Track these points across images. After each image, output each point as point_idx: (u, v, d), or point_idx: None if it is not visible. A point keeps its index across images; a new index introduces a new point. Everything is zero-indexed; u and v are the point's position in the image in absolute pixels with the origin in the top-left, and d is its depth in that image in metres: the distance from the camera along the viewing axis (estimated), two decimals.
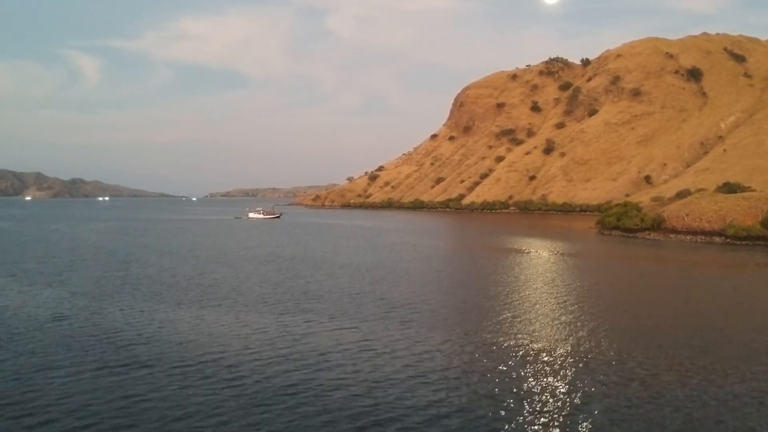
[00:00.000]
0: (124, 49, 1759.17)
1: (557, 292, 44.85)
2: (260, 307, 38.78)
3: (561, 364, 26.26)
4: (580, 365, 26.10)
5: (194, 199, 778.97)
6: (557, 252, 76.75)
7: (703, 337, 31.34)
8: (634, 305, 40.72)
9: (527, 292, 44.95)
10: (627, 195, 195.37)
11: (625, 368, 25.69)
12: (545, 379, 24.28)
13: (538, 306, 39.75)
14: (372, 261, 65.46)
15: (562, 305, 39.76)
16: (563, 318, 35.68)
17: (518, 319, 35.24)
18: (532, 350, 28.45)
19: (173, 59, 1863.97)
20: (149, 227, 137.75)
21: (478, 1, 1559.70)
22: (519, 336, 31.16)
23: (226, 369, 25.74)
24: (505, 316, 36.25)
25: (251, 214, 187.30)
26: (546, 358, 27.13)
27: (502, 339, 30.50)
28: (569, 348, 28.86)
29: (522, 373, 25.03)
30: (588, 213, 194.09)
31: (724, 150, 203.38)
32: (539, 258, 70.97)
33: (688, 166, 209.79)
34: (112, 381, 24.36)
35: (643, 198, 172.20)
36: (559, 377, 24.58)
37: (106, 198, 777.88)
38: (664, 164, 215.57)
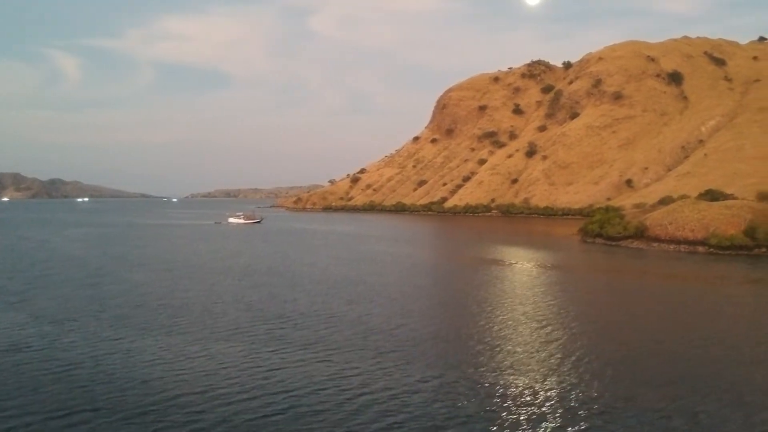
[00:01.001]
0: (107, 48, 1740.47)
1: (541, 315, 43.54)
2: (230, 334, 37.05)
3: (543, 406, 24.85)
4: (563, 407, 24.73)
5: (175, 200, 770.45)
6: (540, 264, 75.53)
7: (690, 370, 30.11)
8: (618, 330, 39.61)
9: (509, 315, 43.62)
10: (609, 199, 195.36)
11: (609, 411, 24.35)
12: (527, 427, 22.87)
13: (520, 330, 38.40)
14: (350, 275, 63.86)
15: (545, 331, 38.43)
16: (546, 347, 34.33)
17: (498, 349, 33.84)
18: (513, 388, 27.04)
19: (156, 59, 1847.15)
20: (126, 234, 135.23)
21: (463, 1, 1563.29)
22: (498, 370, 29.74)
23: (186, 414, 24.13)
24: (485, 345, 34.85)
25: (231, 219, 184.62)
26: (529, 399, 25.70)
27: (480, 374, 29.08)
28: (551, 384, 27.49)
29: (501, 419, 23.59)
30: (570, 216, 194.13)
31: (705, 154, 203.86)
32: (522, 272, 69.78)
33: (670, 170, 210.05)
34: (62, 430, 22.67)
35: (625, 202, 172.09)
36: (539, 423, 23.17)
37: (86, 199, 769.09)
38: (646, 168, 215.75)
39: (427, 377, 28.55)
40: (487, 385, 27.50)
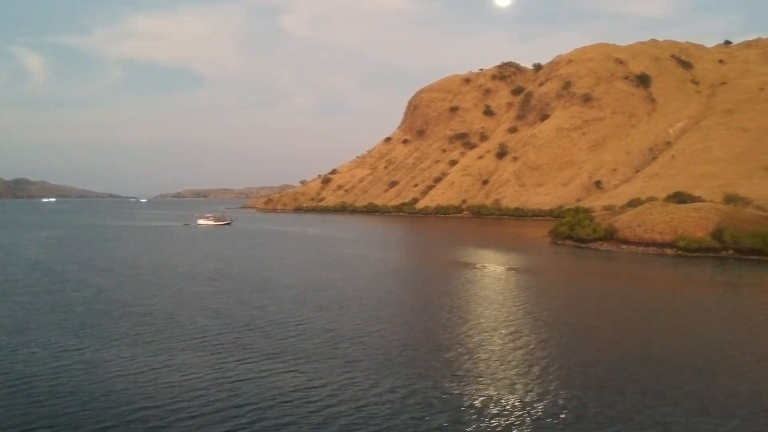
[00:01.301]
0: (74, 46, 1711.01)
1: (511, 322, 43.46)
2: (196, 343, 36.28)
3: (511, 416, 24.64)
4: (532, 417, 24.55)
5: (144, 200, 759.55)
6: (511, 267, 75.78)
7: (659, 377, 30.14)
8: (588, 336, 39.70)
9: (480, 321, 43.50)
10: (578, 200, 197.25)
11: (579, 422, 24.20)
12: None
13: (491, 337, 38.23)
14: (320, 280, 63.26)
15: (515, 338, 38.35)
16: (516, 355, 34.22)
17: (467, 357, 33.60)
18: (482, 398, 26.78)
19: (125, 57, 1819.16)
20: (92, 236, 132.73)
21: (434, 2, 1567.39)
22: (467, 379, 29.49)
23: (149, 429, 23.59)
24: (454, 352, 34.59)
25: (200, 221, 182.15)
26: (498, 409, 25.47)
27: (449, 383, 28.77)
28: (521, 394, 27.32)
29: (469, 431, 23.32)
30: (540, 218, 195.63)
31: (673, 156, 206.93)
32: (493, 275, 69.87)
33: (638, 171, 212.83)
34: None
35: (594, 203, 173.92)
36: None
37: (52, 199, 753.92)
38: (615, 169, 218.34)
39: (395, 387, 28.18)
40: (455, 394, 27.21)
